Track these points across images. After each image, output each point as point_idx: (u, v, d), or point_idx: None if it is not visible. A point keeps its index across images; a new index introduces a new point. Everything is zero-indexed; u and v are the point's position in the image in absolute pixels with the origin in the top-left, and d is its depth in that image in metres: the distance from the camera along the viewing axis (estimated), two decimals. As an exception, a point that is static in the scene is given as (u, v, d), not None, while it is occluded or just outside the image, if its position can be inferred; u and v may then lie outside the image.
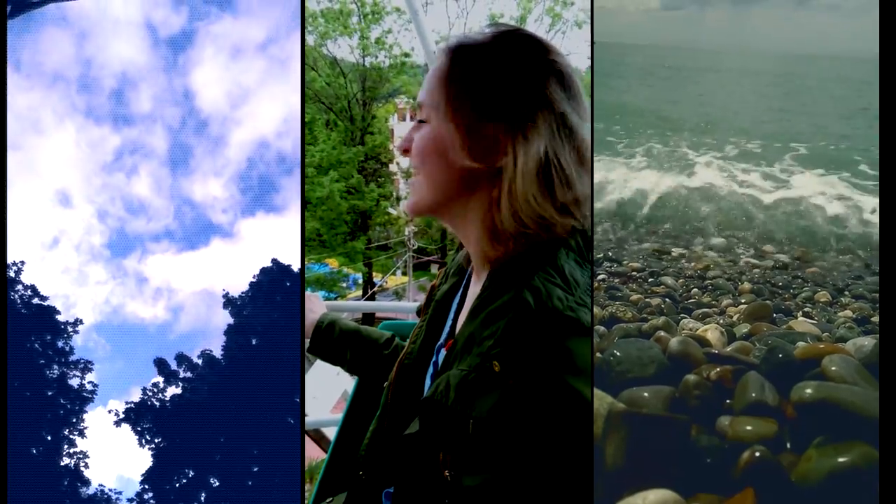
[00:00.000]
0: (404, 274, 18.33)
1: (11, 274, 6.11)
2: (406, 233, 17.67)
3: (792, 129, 12.56)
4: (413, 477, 1.12)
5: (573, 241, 1.12)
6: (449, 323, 1.30)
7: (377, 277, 18.35)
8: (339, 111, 17.10)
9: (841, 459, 1.72)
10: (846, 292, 3.41)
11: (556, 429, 0.95)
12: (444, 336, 1.29)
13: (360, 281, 17.77)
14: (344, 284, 17.48)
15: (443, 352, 1.22)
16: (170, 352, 6.59)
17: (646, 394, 1.92)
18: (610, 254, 4.16)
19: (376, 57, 16.86)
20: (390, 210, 17.59)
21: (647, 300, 2.76)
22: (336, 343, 1.69)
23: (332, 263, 17.48)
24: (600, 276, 3.40)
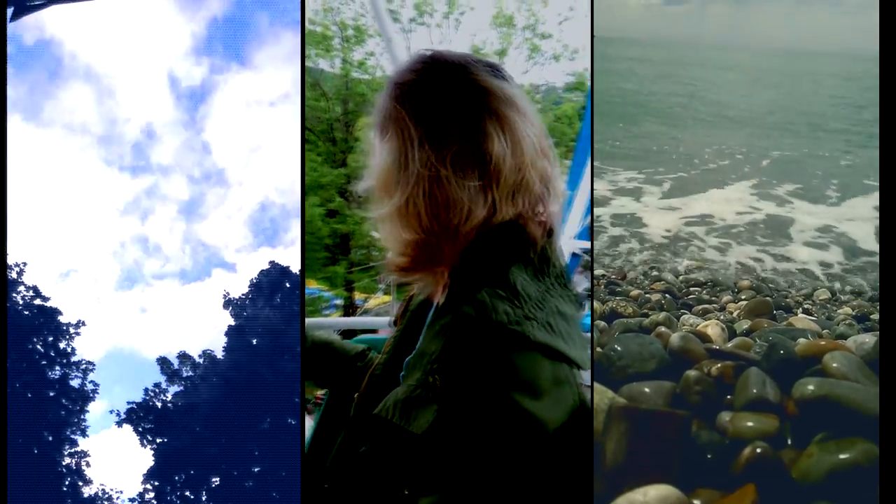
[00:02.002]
0: (387, 294, 18.27)
1: (14, 275, 6.12)
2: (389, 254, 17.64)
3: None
4: (373, 494, 1.11)
5: (532, 254, 1.10)
6: (422, 335, 1.29)
7: (359, 297, 18.32)
8: (319, 133, 17.12)
9: (842, 456, 1.72)
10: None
11: (499, 444, 0.94)
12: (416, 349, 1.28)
13: (340, 303, 17.70)
14: (323, 306, 17.42)
15: None
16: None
17: (646, 389, 1.92)
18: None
19: (359, 81, 16.93)
20: (373, 233, 17.40)
21: (647, 295, 2.76)
22: (306, 355, 1.68)
23: (311, 284, 17.48)
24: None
